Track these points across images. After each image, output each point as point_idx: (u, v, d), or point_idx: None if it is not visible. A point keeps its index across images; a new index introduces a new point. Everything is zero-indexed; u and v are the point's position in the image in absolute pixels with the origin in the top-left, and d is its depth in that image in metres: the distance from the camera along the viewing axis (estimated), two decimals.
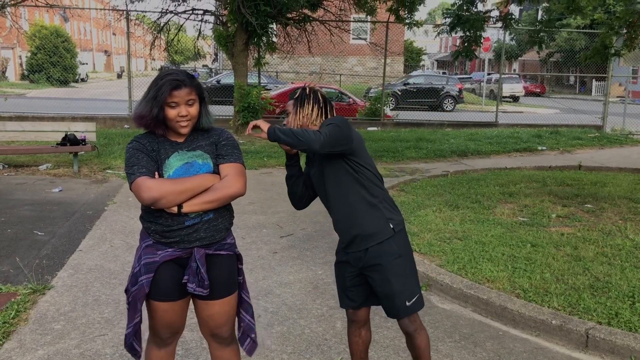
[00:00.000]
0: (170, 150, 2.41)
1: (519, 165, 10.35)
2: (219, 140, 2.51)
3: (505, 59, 22.29)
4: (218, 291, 2.50)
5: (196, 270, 2.42)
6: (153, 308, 2.47)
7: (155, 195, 2.29)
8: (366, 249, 2.73)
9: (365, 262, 2.74)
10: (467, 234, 5.72)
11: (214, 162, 2.45)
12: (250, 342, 2.71)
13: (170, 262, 2.43)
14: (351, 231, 2.76)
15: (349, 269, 2.84)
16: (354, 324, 2.97)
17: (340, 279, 2.91)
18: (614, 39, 8.72)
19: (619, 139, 14.66)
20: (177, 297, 2.47)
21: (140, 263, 2.45)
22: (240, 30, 12.24)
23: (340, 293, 2.92)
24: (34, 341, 3.60)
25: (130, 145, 2.42)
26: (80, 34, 53.42)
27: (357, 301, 2.88)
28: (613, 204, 7.22)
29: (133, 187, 2.33)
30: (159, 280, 2.42)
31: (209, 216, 2.43)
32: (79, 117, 13.69)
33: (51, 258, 5.13)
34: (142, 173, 2.32)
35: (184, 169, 2.39)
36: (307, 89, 2.86)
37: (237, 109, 12.73)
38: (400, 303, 2.73)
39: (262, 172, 9.49)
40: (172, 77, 2.33)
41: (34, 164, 9.38)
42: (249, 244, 5.68)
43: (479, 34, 9.98)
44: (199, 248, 2.43)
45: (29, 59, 32.33)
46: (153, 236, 2.44)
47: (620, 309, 3.98)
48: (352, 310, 2.93)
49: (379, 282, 2.75)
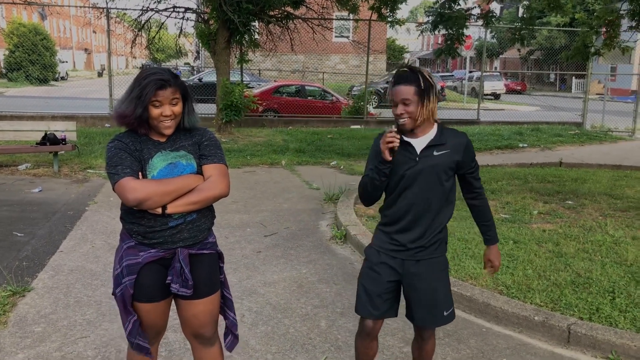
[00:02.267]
0: (153, 150, 2.38)
1: (500, 163, 10.44)
2: (202, 140, 2.48)
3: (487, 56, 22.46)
4: (201, 290, 2.48)
5: (180, 270, 2.40)
6: (136, 309, 2.44)
7: (140, 197, 2.25)
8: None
9: (417, 267, 2.66)
10: (449, 231, 5.70)
11: (197, 162, 2.43)
12: (232, 338, 2.71)
13: (153, 263, 2.40)
14: (430, 229, 2.66)
15: (389, 274, 2.68)
16: (368, 336, 2.78)
17: (373, 284, 2.69)
18: (594, 38, 8.83)
19: (599, 136, 14.86)
20: (159, 298, 2.45)
21: (121, 264, 2.41)
22: (222, 28, 12.16)
23: (366, 299, 2.70)
24: (14, 344, 3.54)
25: (112, 144, 2.37)
26: (59, 31, 52.69)
27: (381, 310, 2.71)
28: (593, 200, 7.32)
29: (117, 188, 2.29)
30: (142, 281, 2.39)
31: (192, 217, 2.41)
32: (59, 116, 13.50)
33: (31, 259, 5.05)
34: (127, 173, 2.28)
35: (168, 169, 2.37)
36: (425, 74, 2.58)
37: (221, 107, 12.66)
38: (441, 313, 2.72)
39: (245, 170, 9.45)
40: (157, 77, 2.30)
41: (13, 163, 9.23)
42: (233, 243, 5.65)
43: (461, 31, 10.03)
44: (183, 248, 2.41)
45: (6, 57, 31.78)
46: (135, 237, 2.41)
47: (601, 305, 4.03)
48: (371, 320, 2.73)
49: (423, 291, 2.67)
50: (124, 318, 2.45)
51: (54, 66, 33.01)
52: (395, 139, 2.52)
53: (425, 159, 2.60)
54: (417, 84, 2.52)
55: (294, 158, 10.62)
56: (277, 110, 16.41)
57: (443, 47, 10.82)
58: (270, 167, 9.96)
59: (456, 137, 2.66)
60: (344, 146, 11.90)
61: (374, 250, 2.75)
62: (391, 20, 13.47)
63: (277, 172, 9.52)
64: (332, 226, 6.33)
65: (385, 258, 2.69)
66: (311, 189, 8.21)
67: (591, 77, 16.81)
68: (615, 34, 8.59)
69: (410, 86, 2.53)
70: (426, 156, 2.60)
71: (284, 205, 7.24)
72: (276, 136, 13.36)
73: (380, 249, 2.73)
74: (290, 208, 7.12)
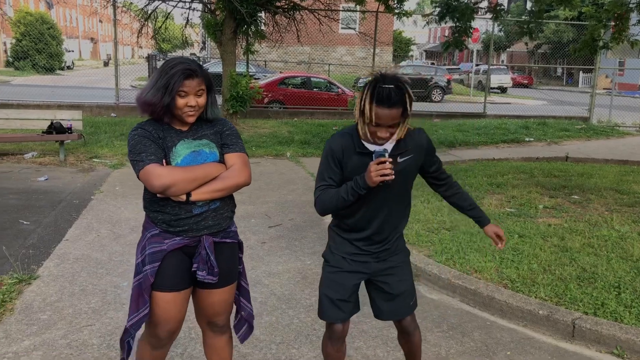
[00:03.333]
0: (176, 139, 2.40)
1: (506, 157, 10.40)
2: (223, 129, 2.51)
3: (494, 50, 22.34)
4: (222, 279, 2.51)
5: (206, 257, 2.42)
6: (155, 300, 2.42)
7: (166, 183, 2.27)
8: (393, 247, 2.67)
9: (385, 264, 2.64)
10: (455, 224, 5.74)
11: (219, 151, 2.46)
12: (247, 328, 2.75)
13: (177, 251, 2.42)
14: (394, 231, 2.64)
15: (355, 277, 2.62)
16: (338, 340, 2.69)
17: (339, 291, 2.60)
18: (602, 31, 8.75)
19: (606, 131, 14.78)
20: (181, 287, 2.45)
21: (144, 253, 2.42)
22: (229, 19, 12.12)
23: (331, 305, 2.61)
24: (20, 331, 3.57)
25: (135, 132, 2.37)
26: (66, 21, 52.68)
27: (347, 312, 2.64)
28: (599, 195, 7.28)
29: (142, 174, 2.29)
30: (165, 269, 2.40)
31: (216, 204, 2.43)
32: (65, 105, 13.50)
33: (37, 247, 5.08)
34: (151, 160, 2.30)
35: (192, 157, 2.38)
36: (409, 90, 2.32)
37: (227, 98, 12.65)
38: (410, 302, 2.72)
39: (251, 161, 9.40)
40: (185, 67, 2.31)
41: (19, 152, 9.26)
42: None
43: (468, 24, 9.97)
44: (207, 236, 2.43)
45: (13, 46, 31.85)
46: (160, 225, 2.41)
47: (606, 300, 4.02)
48: (339, 324, 2.64)
49: (395, 283, 2.65)
50: (133, 308, 2.43)
51: (60, 55, 33.07)
52: (391, 171, 2.30)
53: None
54: (404, 106, 2.31)
55: (299, 150, 10.61)
56: (283, 102, 16.39)
57: (450, 40, 10.76)
58: (275, 158, 9.95)
59: (416, 138, 2.54)
60: None
61: (337, 257, 2.63)
62: (398, 12, 13.40)
63: (282, 163, 9.52)
64: None
65: (350, 263, 2.61)
66: None
67: (599, 71, 16.70)
68: (625, 27, 8.51)
69: (397, 109, 2.29)
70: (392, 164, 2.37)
71: (289, 197, 7.24)
72: (281, 127, 13.35)
73: (344, 255, 2.62)
74: (294, 199, 7.12)
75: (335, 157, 2.47)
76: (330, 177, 2.49)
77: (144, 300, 2.40)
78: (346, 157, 2.47)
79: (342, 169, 2.49)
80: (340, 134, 2.52)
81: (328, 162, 2.49)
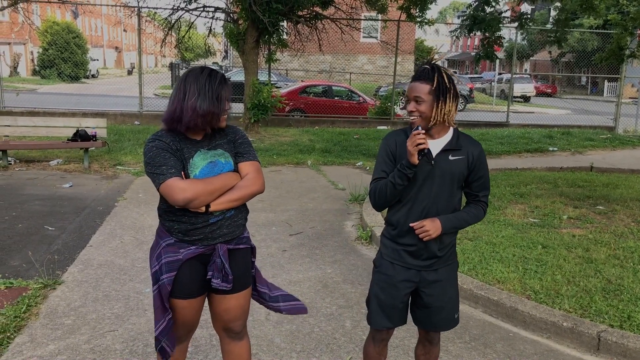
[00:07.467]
0: (192, 150, 2.43)
1: (530, 166, 10.29)
2: (236, 138, 2.55)
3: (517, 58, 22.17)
4: (236, 285, 2.53)
5: (221, 265, 2.45)
6: (172, 306, 2.48)
7: (189, 197, 2.30)
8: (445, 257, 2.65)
9: (436, 275, 2.61)
10: (477, 234, 5.69)
11: (234, 160, 2.50)
12: (295, 302, 2.75)
13: (192, 260, 2.45)
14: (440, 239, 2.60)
15: (406, 286, 2.62)
16: (381, 343, 2.77)
17: (389, 298, 2.63)
18: (628, 40, 8.64)
19: (632, 141, 14.53)
20: (197, 294, 2.51)
21: (160, 262, 2.45)
22: (251, 28, 12.24)
23: (381, 312, 2.65)
24: (45, 336, 3.62)
25: (152, 143, 2.38)
26: (91, 30, 53.58)
27: (396, 320, 2.67)
28: (625, 206, 7.16)
29: (163, 188, 2.32)
30: (182, 278, 2.44)
31: (231, 213, 2.47)
32: (90, 112, 13.74)
33: (62, 253, 5.15)
34: (172, 174, 2.32)
35: (209, 168, 2.42)
36: (443, 74, 2.47)
37: (249, 106, 12.74)
38: (453, 316, 2.71)
39: (272, 170, 9.49)
40: (222, 74, 2.47)
41: (45, 159, 9.43)
42: (259, 241, 5.68)
43: (498, 34, 9.92)
44: (222, 244, 2.46)
45: (40, 55, 32.50)
46: (176, 235, 2.45)
47: (632, 312, 3.95)
48: (387, 330, 2.72)
49: (440, 297, 2.63)
50: (159, 315, 2.47)
51: (85, 64, 33.64)
52: (425, 140, 2.40)
53: (440, 163, 2.51)
54: (432, 83, 2.44)
55: (320, 158, 10.62)
56: (304, 110, 16.44)
57: (481, 51, 10.72)
58: (296, 166, 9.98)
59: (472, 145, 2.58)
60: (370, 147, 11.86)
61: (388, 263, 2.65)
62: (420, 21, 13.39)
63: (302, 171, 9.54)
64: (358, 227, 6.32)
65: (401, 271, 2.61)
66: (337, 189, 8.21)
67: (625, 80, 16.46)
68: None
69: (425, 84, 2.45)
70: (441, 160, 2.51)
71: (310, 205, 7.25)
72: (302, 136, 13.39)
73: (394, 261, 2.63)
74: (315, 208, 7.13)
75: (389, 150, 2.59)
76: (384, 170, 2.58)
77: (165, 308, 2.46)
78: (400, 151, 2.56)
79: (395, 163, 2.57)
80: (395, 131, 2.66)
81: (383, 156, 2.61)
